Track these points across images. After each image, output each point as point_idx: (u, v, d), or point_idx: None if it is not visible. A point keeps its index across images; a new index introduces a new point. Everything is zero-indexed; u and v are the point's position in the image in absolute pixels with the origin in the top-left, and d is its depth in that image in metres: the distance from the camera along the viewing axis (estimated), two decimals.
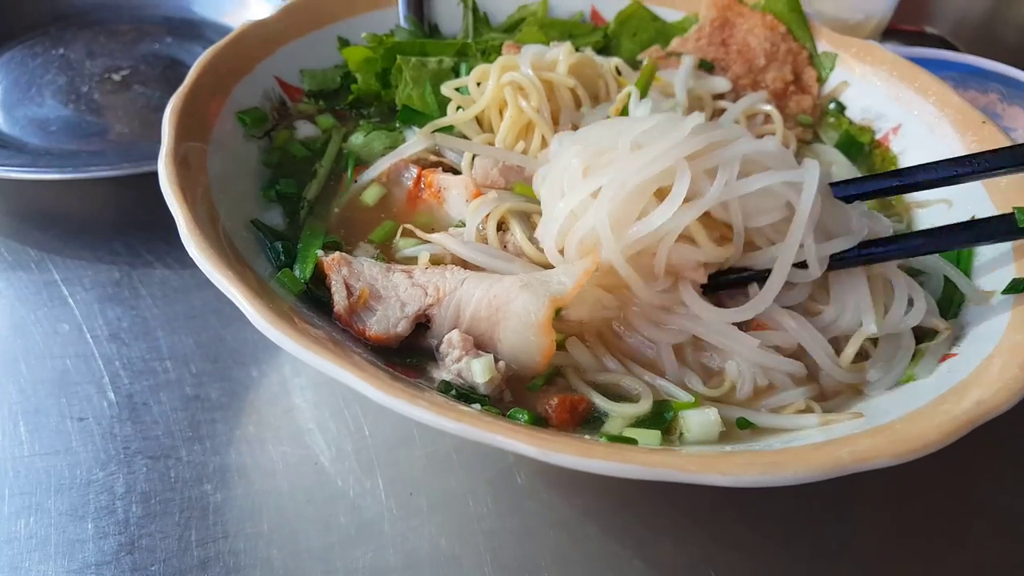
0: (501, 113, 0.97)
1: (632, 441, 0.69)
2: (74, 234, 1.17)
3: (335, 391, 0.97)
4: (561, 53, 1.00)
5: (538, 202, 0.88)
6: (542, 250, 0.82)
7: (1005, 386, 0.62)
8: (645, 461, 0.55)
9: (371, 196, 0.97)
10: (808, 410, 0.76)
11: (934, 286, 0.86)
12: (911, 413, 0.65)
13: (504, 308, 0.72)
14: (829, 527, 0.88)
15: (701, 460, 0.57)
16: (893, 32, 1.38)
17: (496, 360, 0.73)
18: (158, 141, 1.24)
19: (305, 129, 1.03)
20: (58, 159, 1.21)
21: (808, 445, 0.64)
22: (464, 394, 0.73)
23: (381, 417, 0.94)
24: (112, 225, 1.19)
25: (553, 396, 0.73)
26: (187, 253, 1.11)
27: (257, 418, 0.94)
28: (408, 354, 0.79)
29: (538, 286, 0.72)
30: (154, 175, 1.11)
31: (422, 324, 0.78)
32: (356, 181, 0.97)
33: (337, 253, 0.80)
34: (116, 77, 1.51)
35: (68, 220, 1.19)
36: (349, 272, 0.77)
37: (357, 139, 1.02)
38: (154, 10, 1.65)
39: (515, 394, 0.76)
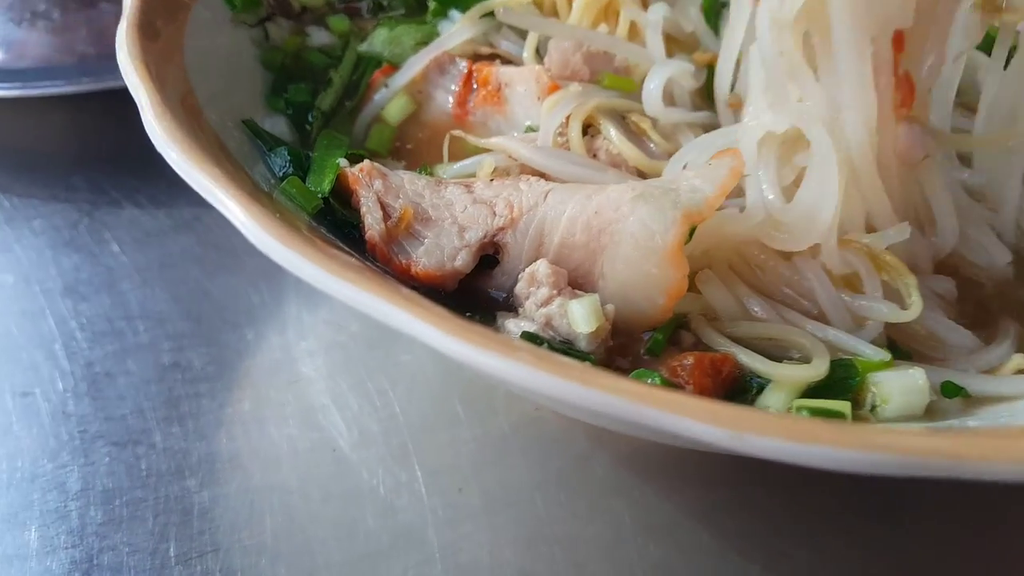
0: None
1: (839, 415, 0.48)
2: (23, 167, 1.02)
3: (353, 357, 0.80)
4: None
5: (637, 99, 0.66)
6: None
7: None
8: (909, 447, 0.34)
9: (395, 111, 0.76)
10: None
11: None
12: None
13: (611, 229, 0.51)
14: (998, 531, 0.69)
15: (983, 443, 0.36)
16: None
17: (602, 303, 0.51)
18: None
19: (319, 36, 0.85)
20: (3, 75, 1.00)
21: None
22: (558, 350, 0.51)
23: (416, 389, 0.77)
24: (71, 157, 1.04)
25: (684, 355, 0.51)
26: (161, 190, 0.96)
27: (254, 393, 0.77)
28: (465, 303, 0.58)
29: (661, 196, 0.50)
30: (122, 97, 0.99)
31: (487, 258, 0.56)
32: (387, 86, 0.74)
33: (367, 162, 0.59)
34: None
35: (15, 150, 1.05)
36: (384, 187, 0.56)
37: (379, 37, 0.80)
38: None
39: (625, 356, 0.55)
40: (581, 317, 0.50)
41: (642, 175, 0.63)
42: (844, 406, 0.48)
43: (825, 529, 0.68)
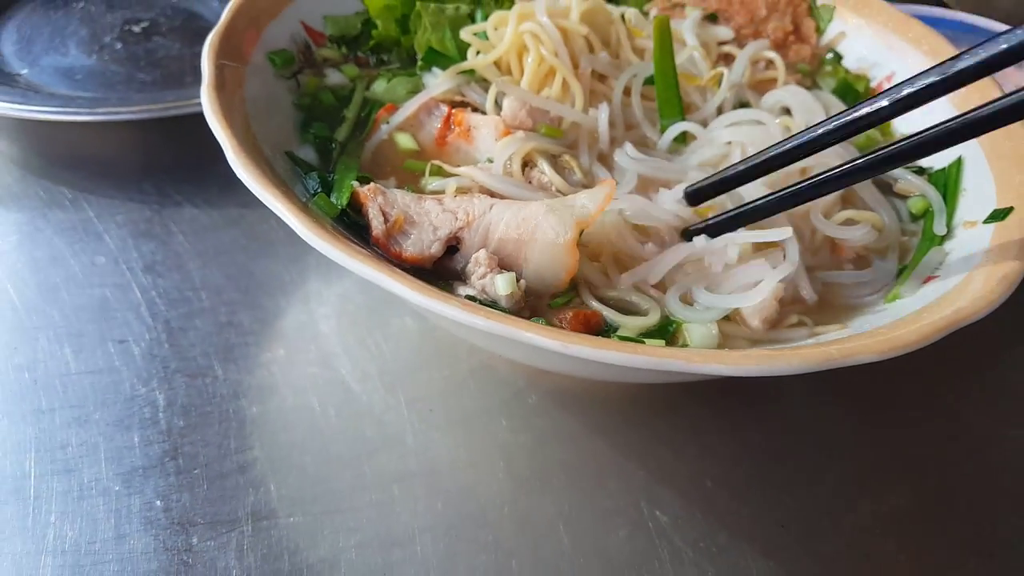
0: (519, 58, 1.02)
1: (640, 342, 0.76)
2: (103, 175, 1.20)
3: (358, 320, 1.02)
4: (573, 0, 1.04)
5: (565, 144, 0.95)
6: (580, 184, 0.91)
7: (982, 296, 0.68)
8: (655, 353, 0.62)
9: (405, 142, 1.00)
10: (801, 325, 0.82)
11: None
12: (895, 321, 0.72)
13: (532, 230, 0.79)
14: (824, 438, 0.96)
15: (705, 353, 0.63)
16: None
17: (518, 278, 0.79)
18: (180, 88, 1.32)
19: (334, 77, 1.07)
20: (87, 103, 1.24)
21: (801, 344, 0.70)
22: (488, 306, 0.79)
23: (402, 343, 1.00)
24: (140, 167, 1.23)
25: (568, 310, 0.79)
26: (213, 194, 1.20)
27: (286, 343, 0.99)
28: (439, 275, 0.85)
29: (563, 210, 0.78)
30: (178, 119, 1.19)
31: (452, 247, 0.84)
32: (387, 123, 1.00)
33: (372, 184, 0.86)
34: (136, 29, 1.55)
35: (97, 162, 1.23)
36: (384, 201, 0.83)
37: (380, 86, 1.07)
38: None
39: (534, 311, 0.82)
40: (502, 286, 0.77)
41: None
42: (659, 343, 0.76)
43: (685, 438, 0.93)
